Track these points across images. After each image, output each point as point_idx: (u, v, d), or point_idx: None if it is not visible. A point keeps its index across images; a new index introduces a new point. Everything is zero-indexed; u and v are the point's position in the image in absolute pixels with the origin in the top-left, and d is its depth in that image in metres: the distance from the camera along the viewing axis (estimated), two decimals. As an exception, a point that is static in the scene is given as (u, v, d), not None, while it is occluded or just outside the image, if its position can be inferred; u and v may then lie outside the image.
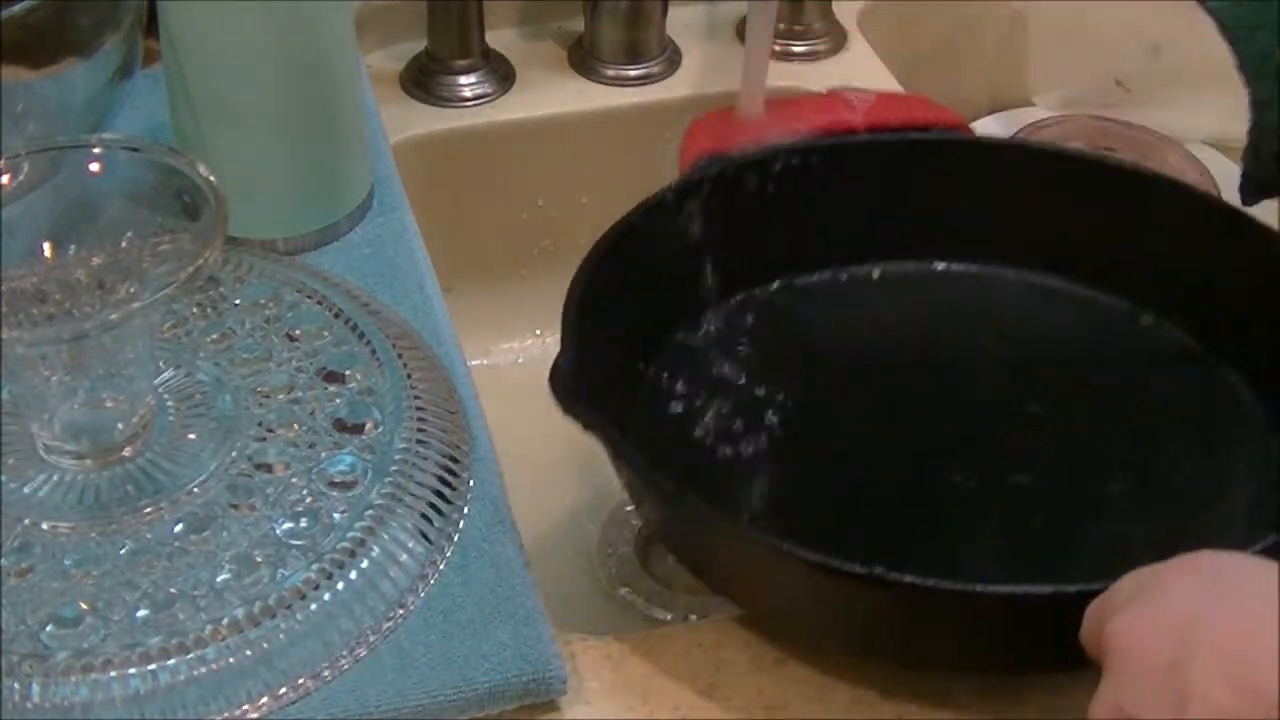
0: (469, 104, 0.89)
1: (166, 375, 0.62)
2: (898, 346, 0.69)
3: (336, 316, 0.65)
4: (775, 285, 0.71)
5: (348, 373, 0.63)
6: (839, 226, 0.71)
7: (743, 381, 0.66)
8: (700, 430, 0.64)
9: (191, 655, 0.52)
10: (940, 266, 0.71)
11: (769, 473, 0.63)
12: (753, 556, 0.55)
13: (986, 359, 0.68)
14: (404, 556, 0.57)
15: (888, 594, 0.51)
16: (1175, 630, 0.42)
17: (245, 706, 0.53)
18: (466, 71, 0.90)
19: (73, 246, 0.60)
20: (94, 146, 0.60)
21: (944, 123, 0.76)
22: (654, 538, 0.59)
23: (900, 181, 0.71)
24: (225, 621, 0.53)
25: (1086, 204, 0.69)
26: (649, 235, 0.67)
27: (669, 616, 0.74)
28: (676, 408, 0.65)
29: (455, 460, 0.61)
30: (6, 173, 0.59)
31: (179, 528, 0.57)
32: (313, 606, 0.54)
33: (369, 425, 0.61)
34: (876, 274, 0.71)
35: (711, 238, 0.69)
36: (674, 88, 0.92)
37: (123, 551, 0.56)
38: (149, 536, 0.56)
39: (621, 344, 0.65)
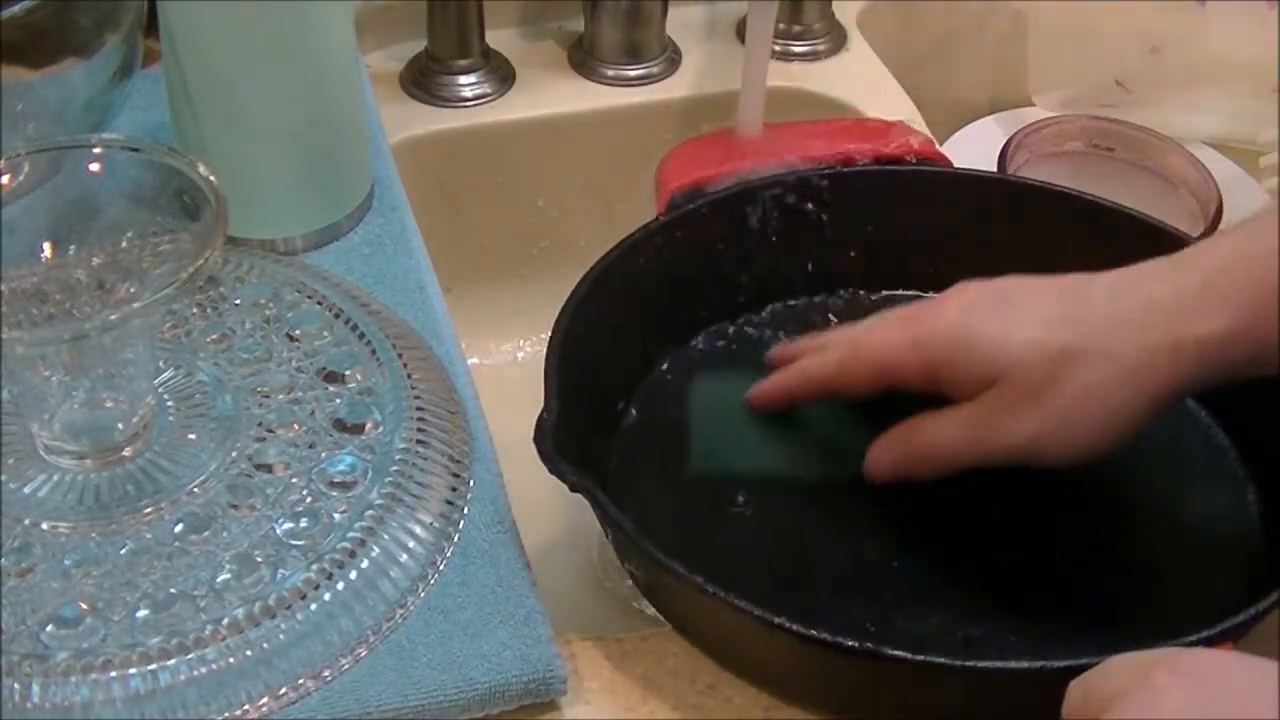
0: (469, 104, 0.89)
1: (166, 375, 0.62)
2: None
3: (336, 316, 0.65)
4: (764, 313, 0.71)
5: (348, 373, 0.63)
6: (821, 258, 0.72)
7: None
8: (681, 475, 0.64)
9: (191, 655, 0.52)
10: (930, 296, 0.70)
11: (752, 525, 0.62)
12: (740, 626, 0.54)
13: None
14: (404, 556, 0.57)
15: (880, 667, 0.51)
16: (1149, 679, 0.43)
17: (245, 706, 0.53)
18: (466, 71, 0.90)
19: (73, 246, 0.60)
20: (94, 146, 0.60)
21: (920, 153, 0.76)
22: (639, 587, 0.59)
23: (883, 213, 0.72)
24: (225, 621, 0.53)
25: (1067, 239, 0.68)
26: (629, 271, 0.68)
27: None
28: (659, 447, 0.65)
29: (455, 460, 0.61)
30: (6, 173, 0.59)
31: (179, 528, 0.56)
32: (313, 606, 0.54)
33: (369, 425, 0.61)
34: (862, 304, 0.71)
35: (690, 272, 0.70)
36: (674, 88, 0.92)
37: (123, 551, 0.56)
38: (149, 536, 0.56)
39: (603, 386, 0.65)
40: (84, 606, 0.54)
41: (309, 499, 0.58)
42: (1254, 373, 0.56)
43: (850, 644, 0.51)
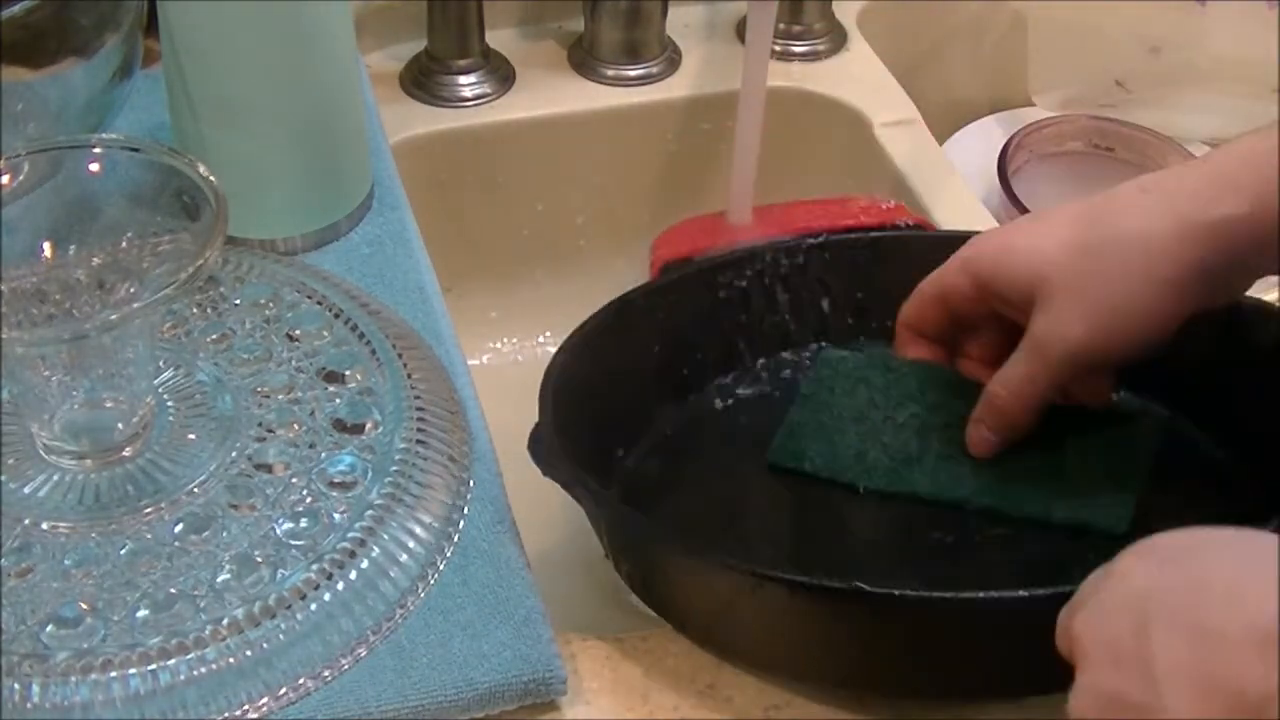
0: (469, 104, 0.89)
1: (166, 375, 0.62)
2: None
3: (336, 316, 0.65)
4: (757, 366, 0.71)
5: (348, 373, 0.63)
6: (809, 318, 0.72)
7: (716, 472, 0.67)
8: (679, 509, 0.65)
9: (191, 655, 0.52)
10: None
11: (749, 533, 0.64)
12: (732, 595, 0.55)
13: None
14: (404, 556, 0.57)
15: (865, 611, 0.52)
16: (1133, 606, 0.43)
17: (245, 707, 0.53)
18: (466, 71, 0.90)
19: (73, 246, 0.60)
20: (94, 146, 0.60)
21: (891, 221, 0.78)
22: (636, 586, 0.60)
23: (867, 275, 0.72)
24: (225, 622, 0.53)
25: None
26: (620, 333, 0.68)
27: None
28: (655, 491, 0.65)
29: (455, 460, 0.61)
30: (6, 173, 0.59)
31: (179, 528, 0.56)
32: (313, 606, 0.54)
33: (369, 425, 0.61)
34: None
35: (683, 334, 0.70)
36: (674, 88, 0.92)
37: (123, 551, 0.56)
38: (149, 536, 0.56)
39: (598, 429, 0.65)
40: (84, 606, 0.54)
41: (309, 499, 0.58)
42: (1272, 264, 0.58)
43: (840, 586, 0.52)
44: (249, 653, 0.53)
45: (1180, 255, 0.57)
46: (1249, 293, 0.62)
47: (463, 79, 0.90)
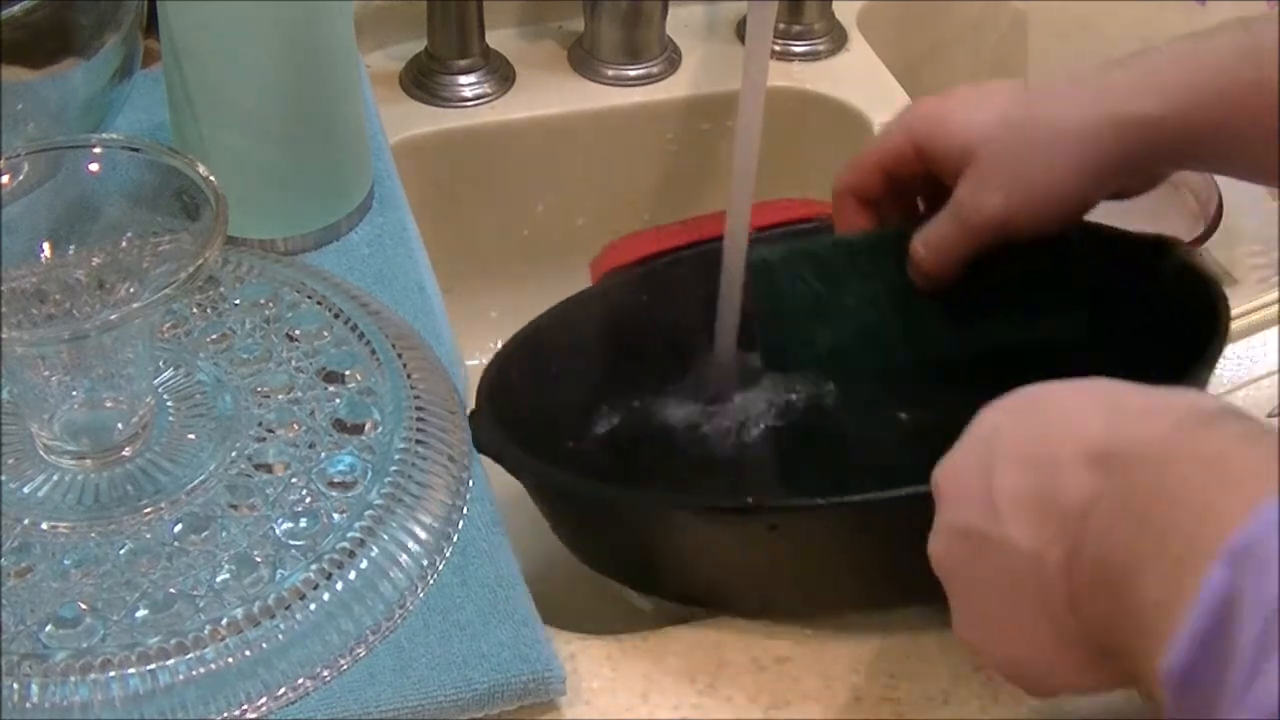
0: (469, 104, 0.89)
1: (166, 375, 0.62)
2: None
3: (336, 316, 0.65)
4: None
5: (348, 373, 0.63)
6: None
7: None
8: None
9: (191, 655, 0.52)
10: None
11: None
12: (647, 530, 0.59)
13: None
14: (403, 556, 0.57)
15: (763, 526, 0.55)
16: (981, 447, 0.46)
17: (244, 707, 0.53)
18: (466, 71, 0.90)
19: (73, 246, 0.60)
20: (94, 146, 0.60)
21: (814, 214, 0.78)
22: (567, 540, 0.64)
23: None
24: (225, 621, 0.53)
25: None
26: (563, 331, 0.71)
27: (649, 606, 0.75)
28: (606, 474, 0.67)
29: (455, 460, 0.61)
30: (6, 173, 0.59)
31: (179, 528, 0.57)
32: (312, 607, 0.54)
33: (369, 425, 0.61)
34: None
35: (623, 334, 0.72)
36: (674, 88, 0.92)
37: (122, 551, 0.56)
38: (149, 536, 0.56)
39: (547, 418, 0.68)
40: (83, 606, 0.54)
41: (308, 499, 0.58)
42: (1189, 163, 0.63)
43: (748, 502, 0.56)
44: (248, 653, 0.53)
45: (1100, 145, 0.60)
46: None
47: (463, 79, 0.90)
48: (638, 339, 0.71)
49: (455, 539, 0.59)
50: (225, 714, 0.52)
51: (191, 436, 0.60)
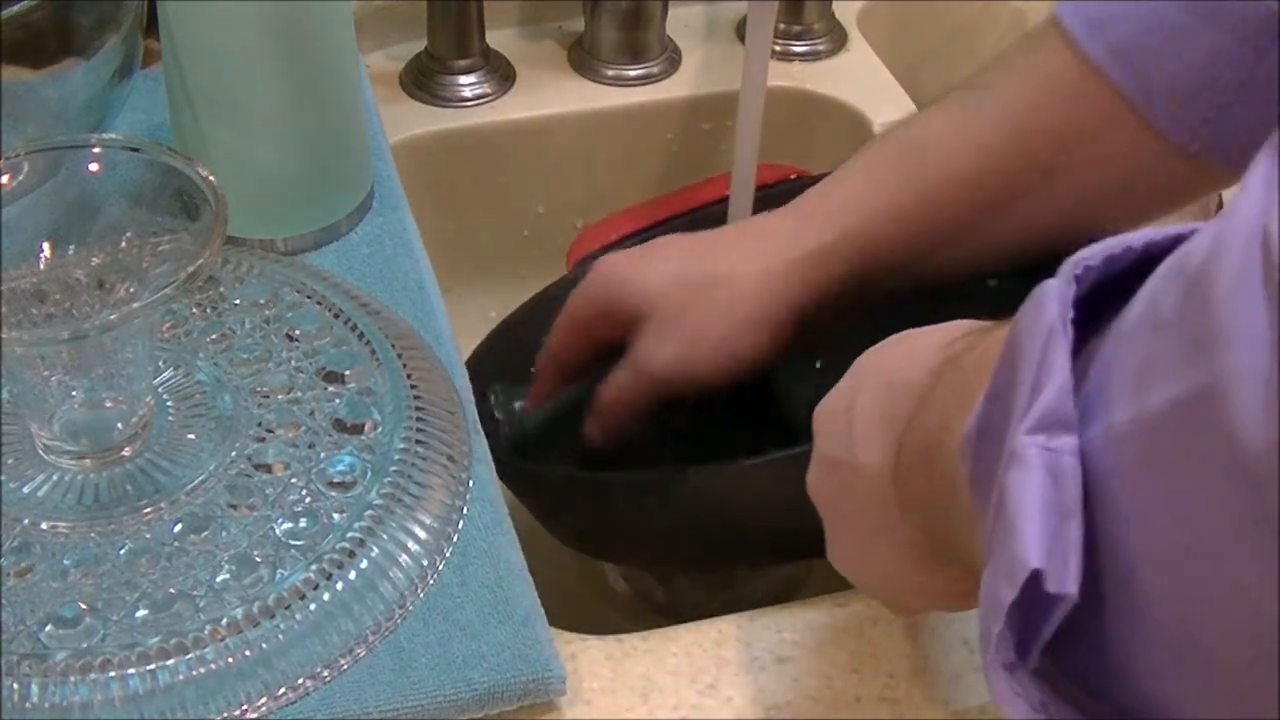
0: (469, 104, 0.90)
1: (166, 375, 0.62)
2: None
3: (336, 316, 0.65)
4: None
5: (347, 373, 0.63)
6: None
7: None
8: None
9: (191, 655, 0.52)
10: None
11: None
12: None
13: None
14: (403, 557, 0.57)
15: (661, 491, 0.62)
16: (848, 385, 0.49)
17: (244, 707, 0.53)
18: (466, 71, 0.90)
19: (72, 246, 0.60)
20: (94, 146, 0.60)
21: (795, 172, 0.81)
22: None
23: None
24: (224, 622, 0.53)
25: None
26: (538, 323, 0.74)
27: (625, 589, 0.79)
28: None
29: (455, 460, 0.61)
30: (6, 173, 0.59)
31: (178, 528, 0.56)
32: (312, 607, 0.54)
33: (369, 425, 0.61)
34: None
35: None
36: (674, 88, 0.92)
37: (122, 551, 0.56)
38: (148, 536, 0.56)
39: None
40: (83, 606, 0.54)
41: (308, 499, 0.58)
42: (869, 285, 0.64)
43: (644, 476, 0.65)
44: (248, 653, 0.53)
45: (773, 290, 0.63)
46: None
47: (463, 79, 0.90)
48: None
49: (455, 539, 0.59)
50: (225, 714, 0.52)
51: (191, 436, 0.60)
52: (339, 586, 0.55)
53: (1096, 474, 0.31)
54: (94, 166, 0.60)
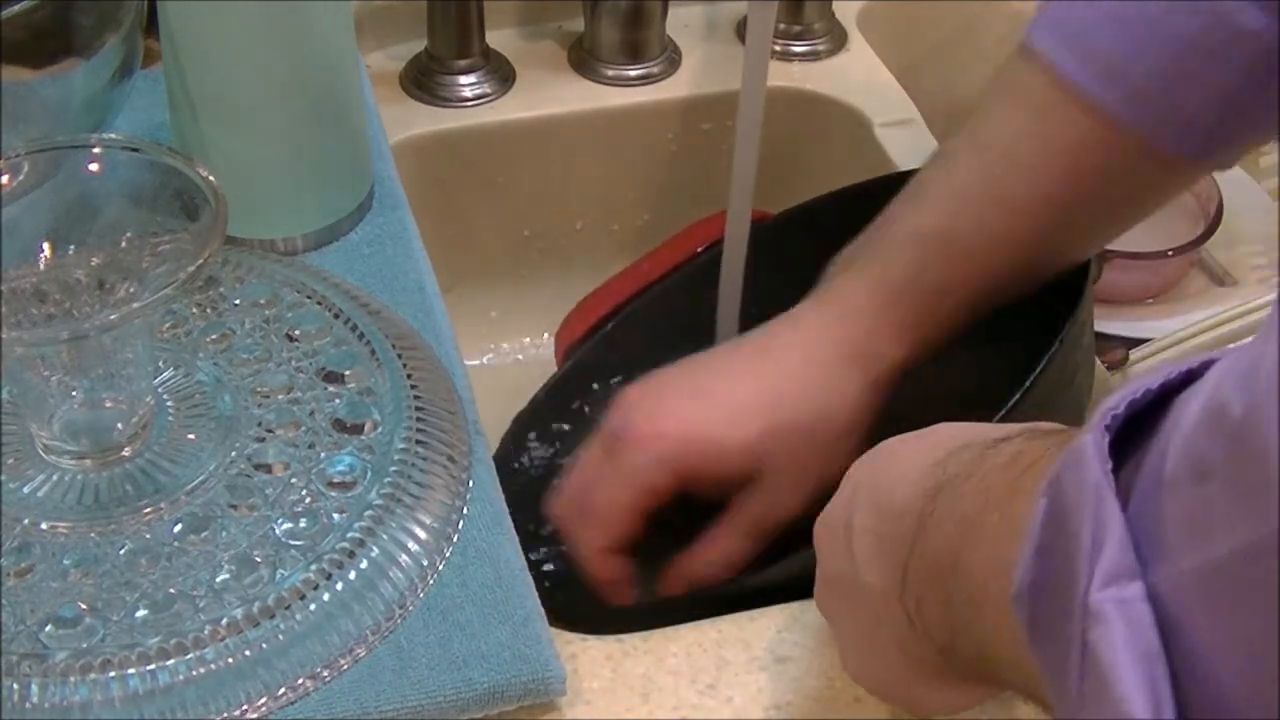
0: (469, 104, 0.89)
1: (166, 375, 0.62)
2: None
3: (336, 317, 0.65)
4: None
5: (347, 373, 0.63)
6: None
7: None
8: None
9: (191, 655, 0.52)
10: None
11: None
12: None
13: None
14: (403, 557, 0.57)
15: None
16: (845, 501, 0.50)
17: (244, 707, 0.53)
18: (466, 71, 0.90)
19: (72, 246, 0.60)
20: (94, 146, 0.60)
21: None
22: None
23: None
24: (224, 622, 0.53)
25: None
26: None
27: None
28: None
29: (455, 460, 0.61)
30: (6, 173, 0.59)
31: (178, 528, 0.56)
32: (312, 607, 0.54)
33: (369, 425, 0.61)
34: None
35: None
36: (674, 88, 0.92)
37: (122, 551, 0.56)
38: (148, 536, 0.56)
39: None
40: (83, 606, 0.54)
41: (308, 499, 0.58)
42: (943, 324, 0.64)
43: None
44: (248, 653, 0.53)
45: (859, 397, 0.63)
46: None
47: (463, 79, 0.90)
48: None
49: (455, 539, 0.59)
50: (225, 714, 0.52)
51: (191, 436, 0.60)
52: (339, 586, 0.55)
53: (1168, 615, 0.32)
54: (94, 166, 0.60)
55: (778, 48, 0.93)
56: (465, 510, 0.60)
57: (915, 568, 0.45)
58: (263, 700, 0.53)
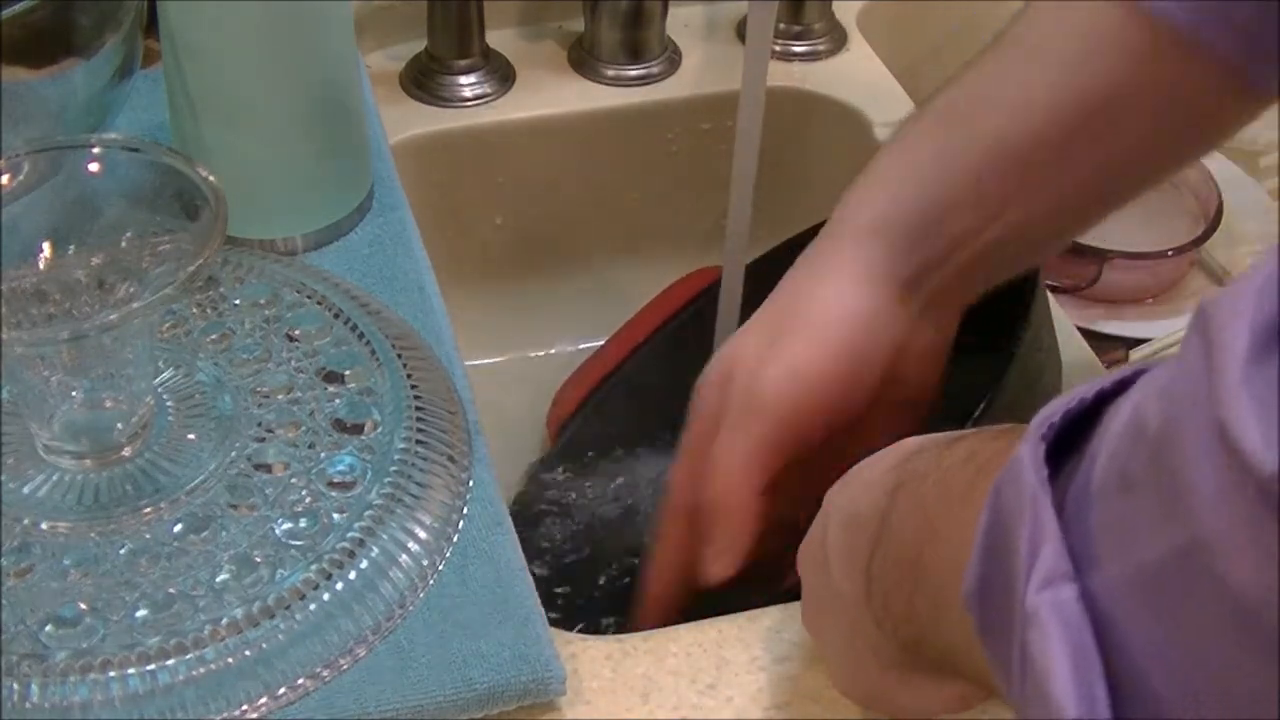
0: (469, 104, 0.89)
1: (166, 375, 0.62)
2: None
3: (336, 316, 0.65)
4: None
5: (347, 373, 0.63)
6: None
7: None
8: None
9: (190, 655, 0.52)
10: None
11: None
12: None
13: None
14: (403, 556, 0.57)
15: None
16: (821, 521, 0.51)
17: (244, 707, 0.53)
18: (466, 71, 0.90)
19: (72, 246, 0.60)
20: (94, 146, 0.60)
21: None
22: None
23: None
24: (224, 622, 0.53)
25: None
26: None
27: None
28: None
29: (455, 460, 0.61)
30: (6, 173, 0.59)
31: (178, 528, 0.57)
32: (312, 607, 0.54)
33: (369, 425, 0.61)
34: None
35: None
36: (674, 88, 0.92)
37: (122, 551, 0.56)
38: (148, 536, 0.56)
39: None
40: (83, 606, 0.54)
41: (308, 499, 0.58)
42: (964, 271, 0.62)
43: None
44: (248, 653, 0.53)
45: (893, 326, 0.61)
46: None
47: (463, 79, 0.90)
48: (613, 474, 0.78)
49: (455, 539, 0.59)
50: (225, 714, 0.52)
51: (191, 436, 0.60)
52: (339, 586, 0.55)
53: (1101, 616, 0.33)
54: (94, 166, 0.60)
55: (778, 48, 0.93)
56: (465, 510, 0.60)
57: (880, 565, 0.46)
58: (263, 700, 0.53)
